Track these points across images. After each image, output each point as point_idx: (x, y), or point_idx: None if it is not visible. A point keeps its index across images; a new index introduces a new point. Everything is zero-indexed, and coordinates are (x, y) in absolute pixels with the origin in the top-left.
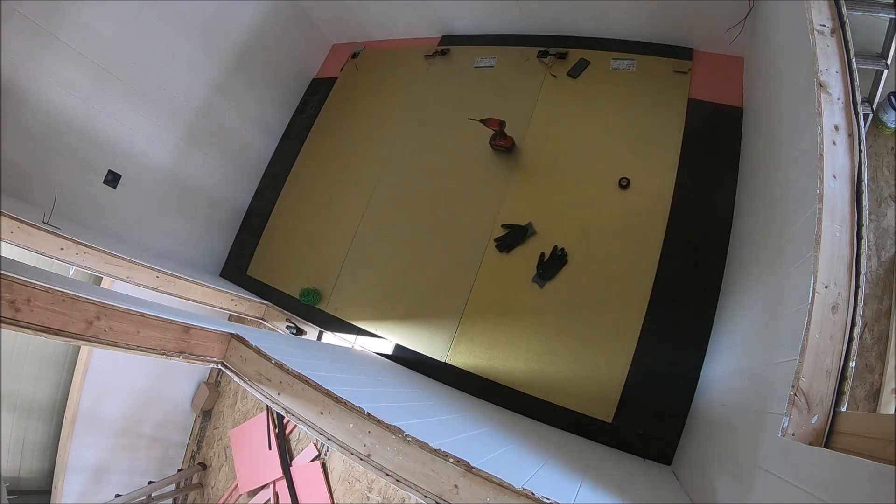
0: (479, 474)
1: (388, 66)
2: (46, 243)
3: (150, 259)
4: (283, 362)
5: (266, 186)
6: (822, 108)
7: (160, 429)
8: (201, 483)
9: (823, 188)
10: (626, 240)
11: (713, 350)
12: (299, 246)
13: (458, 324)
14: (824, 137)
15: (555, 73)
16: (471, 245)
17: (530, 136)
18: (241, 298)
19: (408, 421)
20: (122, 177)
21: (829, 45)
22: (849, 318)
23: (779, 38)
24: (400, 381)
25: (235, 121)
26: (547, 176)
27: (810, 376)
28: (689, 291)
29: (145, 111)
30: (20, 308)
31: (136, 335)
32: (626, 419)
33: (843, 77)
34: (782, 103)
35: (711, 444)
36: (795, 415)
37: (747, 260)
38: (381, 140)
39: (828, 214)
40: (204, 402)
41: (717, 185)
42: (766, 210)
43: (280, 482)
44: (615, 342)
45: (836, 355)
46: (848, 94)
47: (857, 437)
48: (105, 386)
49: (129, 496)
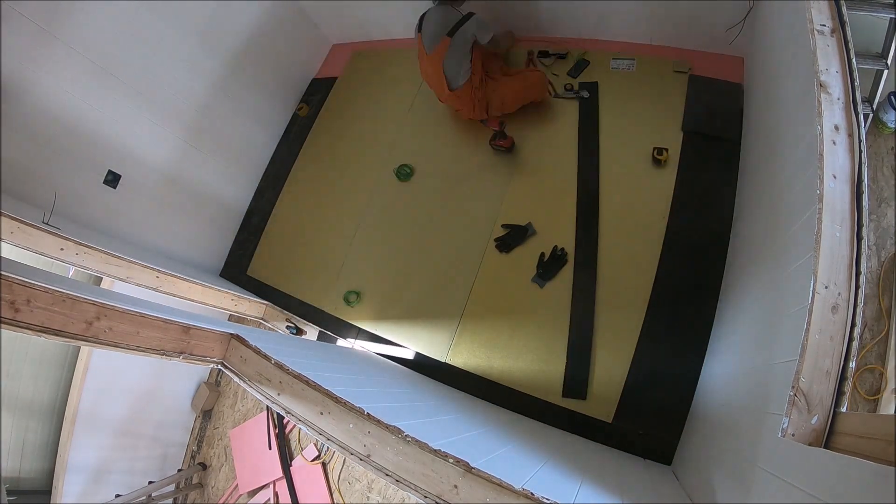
0: (479, 474)
1: (388, 65)
2: (46, 243)
3: (150, 259)
4: (283, 362)
5: (266, 186)
6: (823, 108)
7: (160, 429)
8: (201, 483)
9: (823, 188)
10: (627, 240)
11: (713, 350)
12: (299, 246)
13: (458, 324)
14: (824, 137)
15: (556, 73)
16: (471, 245)
17: (530, 135)
18: (241, 298)
19: (407, 421)
20: (122, 177)
21: (829, 45)
22: (849, 318)
23: (779, 38)
24: (400, 382)
25: (235, 120)
26: (547, 175)
27: (810, 377)
28: (689, 291)
29: (145, 111)
30: (20, 308)
31: (135, 335)
32: (626, 419)
33: (843, 77)
34: (782, 103)
35: (711, 444)
36: (795, 415)
37: (747, 260)
38: (380, 140)
39: (828, 214)
40: (204, 402)
41: (718, 185)
42: (766, 210)
43: (280, 482)
44: (615, 342)
45: (836, 356)
46: (848, 94)
47: (857, 437)
48: (105, 386)
49: (130, 496)
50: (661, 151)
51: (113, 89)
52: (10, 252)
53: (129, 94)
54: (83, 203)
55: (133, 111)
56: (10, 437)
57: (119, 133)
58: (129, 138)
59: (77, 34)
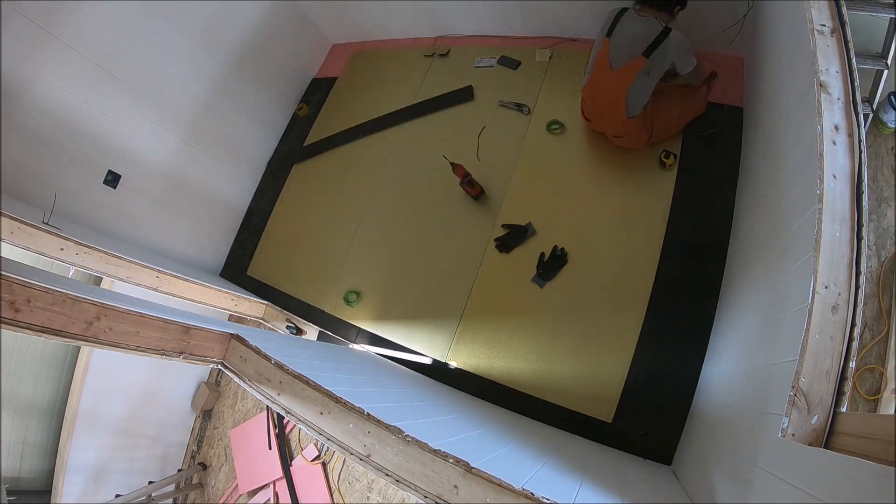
0: (479, 474)
1: (388, 65)
2: (46, 243)
3: (150, 259)
4: (283, 362)
5: (266, 186)
6: (822, 108)
7: (160, 429)
8: (201, 483)
9: (823, 188)
10: (627, 240)
11: (713, 350)
12: (299, 246)
13: (458, 324)
14: (824, 137)
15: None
16: (471, 245)
17: (530, 135)
18: (241, 298)
19: (407, 421)
20: (122, 177)
21: (829, 45)
22: (849, 318)
23: (778, 38)
24: (399, 381)
25: (235, 120)
26: (547, 176)
27: (810, 377)
28: (689, 291)
29: (145, 111)
30: (20, 309)
31: (135, 335)
32: (626, 419)
33: (843, 77)
34: (782, 103)
35: (711, 444)
36: (795, 415)
37: (747, 260)
38: (380, 140)
39: (828, 214)
40: (204, 402)
41: (718, 185)
42: (766, 210)
43: (280, 482)
44: (615, 342)
45: (836, 356)
46: (848, 94)
47: (857, 437)
48: (105, 386)
49: (130, 496)
50: (668, 155)
51: (113, 89)
52: (11, 252)
53: (130, 93)
54: (83, 203)
55: (133, 111)
56: (11, 436)
57: (119, 133)
58: (130, 138)
59: (77, 34)
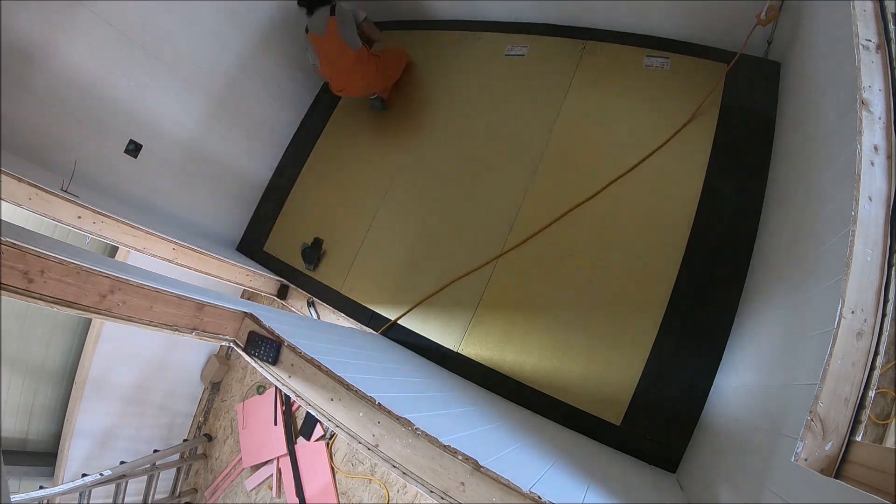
0: (488, 474)
1: (417, 47)
2: (64, 211)
3: (167, 230)
4: (296, 345)
5: (287, 163)
6: (864, 126)
7: (168, 398)
8: (206, 454)
9: (858, 210)
10: (649, 241)
11: (728, 361)
12: (317, 225)
13: (473, 314)
14: (863, 157)
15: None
16: (490, 234)
17: (558, 128)
18: (256, 274)
19: (418, 413)
20: (143, 147)
21: (874, 62)
22: (872, 345)
23: (820, 49)
24: (410, 369)
25: (260, 95)
26: (572, 171)
27: (828, 402)
28: (709, 299)
29: (170, 82)
30: (34, 279)
31: (149, 310)
32: (634, 423)
33: (885, 96)
34: (819, 117)
35: (720, 457)
36: (810, 440)
37: (771, 274)
38: (405, 123)
39: (861, 237)
40: (213, 375)
41: (745, 194)
42: (794, 225)
43: (284, 458)
44: (630, 344)
45: (857, 384)
46: (890, 114)
47: (869, 469)
48: (116, 353)
49: (134, 463)
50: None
51: (139, 59)
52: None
53: (155, 64)
54: (103, 172)
55: (158, 82)
56: (20, 398)
57: (142, 103)
58: (153, 108)
59: (104, 3)
